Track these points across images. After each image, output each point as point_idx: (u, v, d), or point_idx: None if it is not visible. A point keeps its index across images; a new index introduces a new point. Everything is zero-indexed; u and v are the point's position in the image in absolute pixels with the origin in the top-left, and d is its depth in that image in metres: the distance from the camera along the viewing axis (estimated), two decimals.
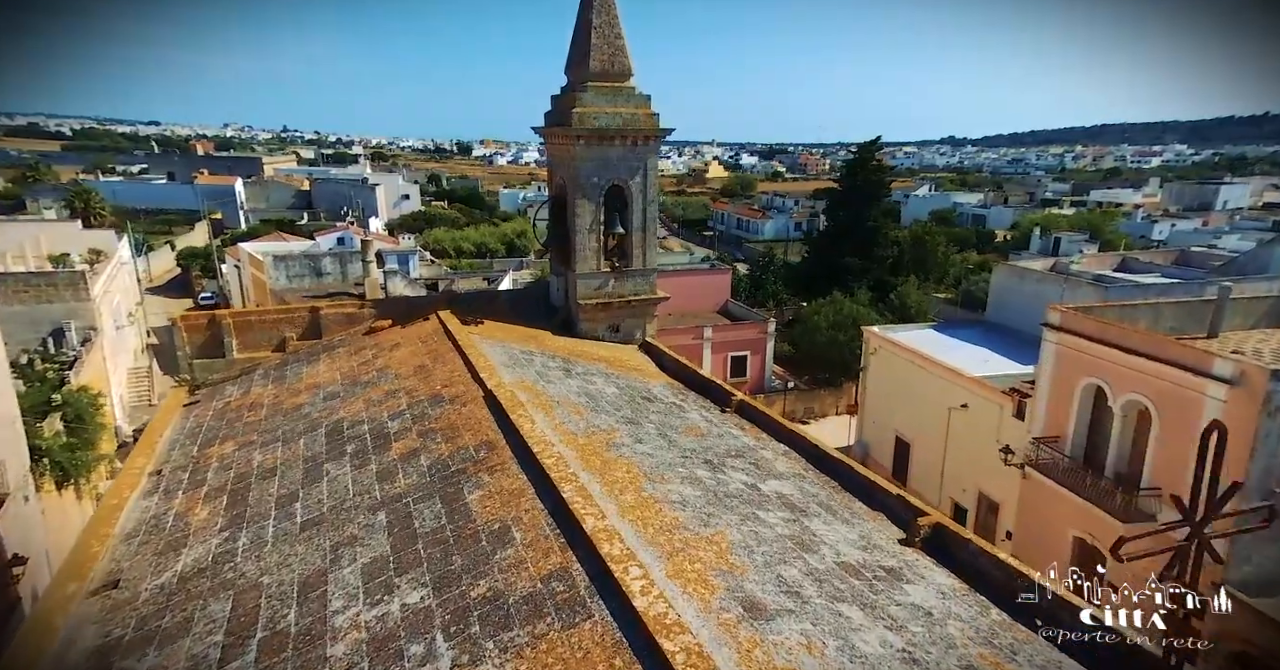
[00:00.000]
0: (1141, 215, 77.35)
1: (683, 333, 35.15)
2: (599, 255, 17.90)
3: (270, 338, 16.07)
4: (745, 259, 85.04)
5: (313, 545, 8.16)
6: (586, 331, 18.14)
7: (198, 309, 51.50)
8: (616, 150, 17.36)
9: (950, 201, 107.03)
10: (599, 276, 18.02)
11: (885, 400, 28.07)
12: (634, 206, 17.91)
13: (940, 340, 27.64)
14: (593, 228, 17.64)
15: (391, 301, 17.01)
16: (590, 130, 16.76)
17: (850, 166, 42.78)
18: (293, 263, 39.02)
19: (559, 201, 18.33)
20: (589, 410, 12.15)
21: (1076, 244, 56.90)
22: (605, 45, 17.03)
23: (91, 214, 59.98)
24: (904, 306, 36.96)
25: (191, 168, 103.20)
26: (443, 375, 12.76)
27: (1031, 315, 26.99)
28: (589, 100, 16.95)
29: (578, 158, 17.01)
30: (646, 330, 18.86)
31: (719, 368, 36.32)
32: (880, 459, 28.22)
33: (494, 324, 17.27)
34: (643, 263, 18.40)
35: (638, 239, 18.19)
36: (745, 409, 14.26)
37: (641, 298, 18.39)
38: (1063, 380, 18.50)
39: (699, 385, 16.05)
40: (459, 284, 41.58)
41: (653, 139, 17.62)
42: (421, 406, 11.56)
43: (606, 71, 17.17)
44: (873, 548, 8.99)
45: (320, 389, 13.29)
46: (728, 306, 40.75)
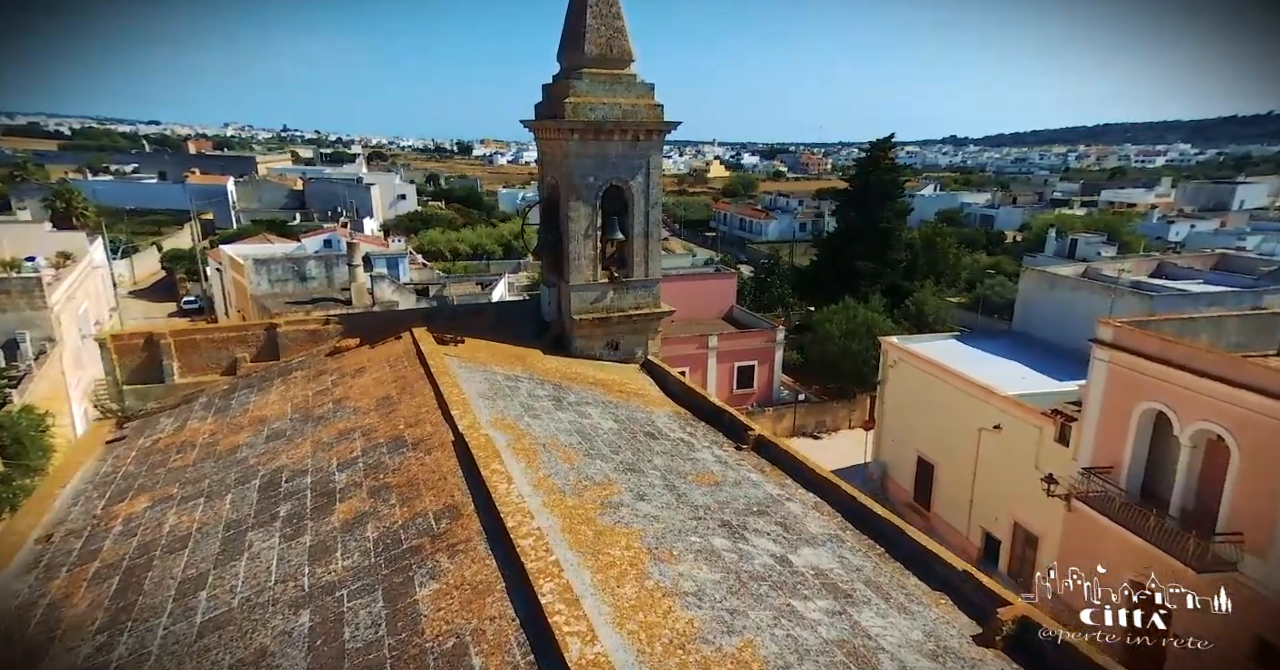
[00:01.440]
0: (1158, 216, 75.32)
1: (686, 342, 33.17)
2: (595, 264, 15.90)
3: (219, 359, 14.08)
4: (749, 260, 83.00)
5: (207, 663, 6.15)
6: (582, 350, 16.14)
7: (181, 314, 49.60)
8: (615, 146, 15.36)
9: (958, 201, 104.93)
10: (595, 288, 16.01)
11: (906, 417, 26.07)
12: (635, 209, 15.91)
13: (965, 352, 25.64)
14: (588, 234, 15.64)
15: (361, 316, 15.02)
16: (585, 123, 14.76)
17: (861, 166, 40.74)
18: (275, 267, 37.02)
19: (551, 204, 16.32)
20: (581, 454, 10.16)
21: (1094, 246, 54.82)
22: (602, 26, 15.04)
23: (74, 215, 57.97)
24: (921, 314, 34.97)
25: (183, 167, 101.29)
26: (409, 410, 10.77)
27: (1065, 325, 25.04)
28: (584, 89, 14.95)
29: (571, 154, 15.01)
30: (649, 348, 16.86)
31: (725, 378, 34.36)
32: (900, 480, 26.23)
33: (477, 342, 15.28)
34: (645, 272, 16.40)
35: (639, 246, 16.18)
36: (764, 446, 12.25)
37: (643, 312, 16.38)
38: (1116, 404, 16.53)
39: (709, 414, 14.05)
40: (450, 289, 39.64)
41: (656, 133, 15.61)
42: (378, 453, 9.57)
43: (604, 57, 15.17)
44: (945, 653, 6.98)
45: (266, 424, 11.30)
46: (733, 313, 38.77)
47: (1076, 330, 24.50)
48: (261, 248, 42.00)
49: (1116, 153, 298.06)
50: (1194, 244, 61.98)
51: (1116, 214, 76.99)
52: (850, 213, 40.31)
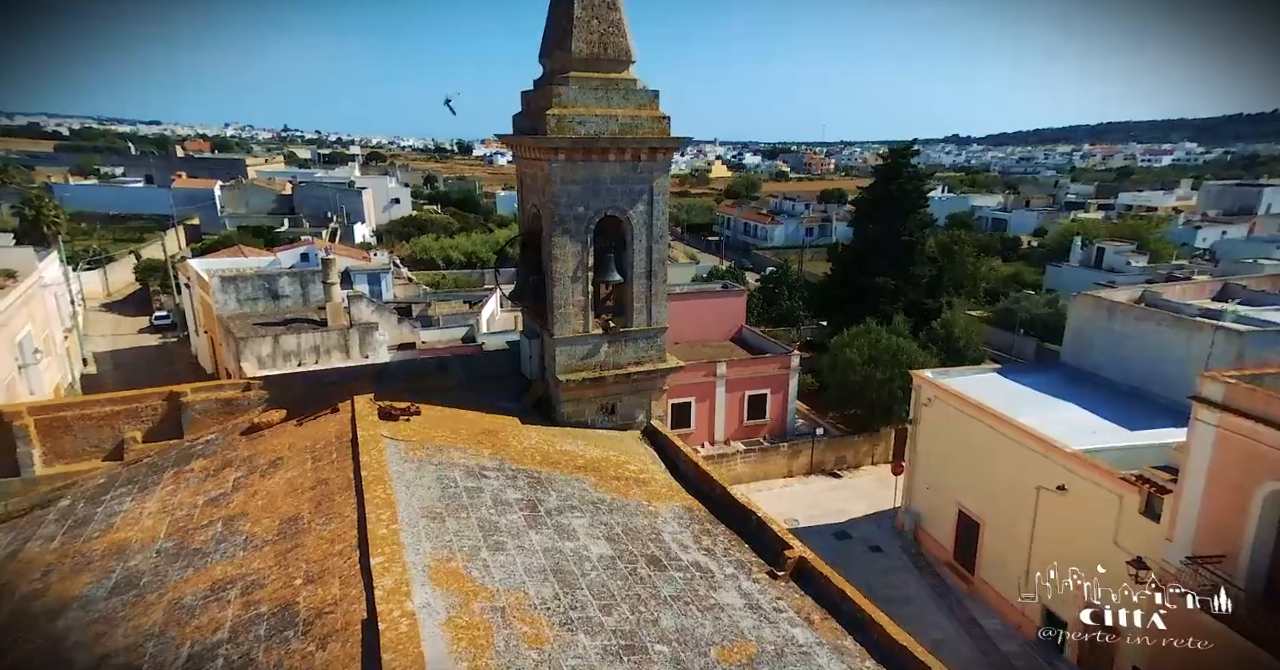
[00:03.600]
0: (1182, 220, 71.98)
1: (692, 370, 30.05)
2: (586, 313, 12.85)
3: (101, 440, 11.03)
4: (754, 267, 79.87)
5: None
6: (570, 416, 13.09)
7: (152, 330, 46.49)
8: (611, 168, 12.30)
9: (968, 205, 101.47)
10: (587, 342, 12.95)
11: (942, 463, 22.98)
12: (635, 245, 12.87)
13: (1011, 391, 22.52)
14: (577, 276, 12.58)
15: (292, 380, 11.94)
16: (573, 140, 11.71)
17: (881, 173, 37.59)
18: (244, 284, 33.88)
19: (532, 237, 13.27)
20: (558, 624, 7.10)
21: (1123, 255, 51.62)
22: (594, 19, 11.98)
23: (44, 223, 54.90)
24: (950, 337, 31.88)
25: (171, 170, 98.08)
26: (317, 547, 7.71)
27: (1128, 361, 21.97)
28: (571, 97, 11.89)
29: (556, 179, 11.95)
30: (651, 410, 13.81)
31: (735, 409, 31.24)
32: (937, 535, 23.12)
33: (437, 412, 12.22)
34: (647, 320, 13.35)
35: (640, 289, 13.13)
36: (808, 576, 9.15)
37: (645, 369, 13.33)
38: (1229, 479, 13.49)
39: (730, 510, 10.98)
40: (435, 308, 36.61)
41: (661, 152, 12.57)
42: (251, 638, 6.52)
43: (596, 57, 12.11)
44: None
45: (122, 560, 8.25)
46: (742, 334, 35.67)
47: (1142, 368, 21.52)
48: (233, 262, 38.91)
49: (1122, 152, 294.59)
50: (1224, 252, 58.65)
51: (1138, 218, 73.67)
52: (868, 224, 37.14)
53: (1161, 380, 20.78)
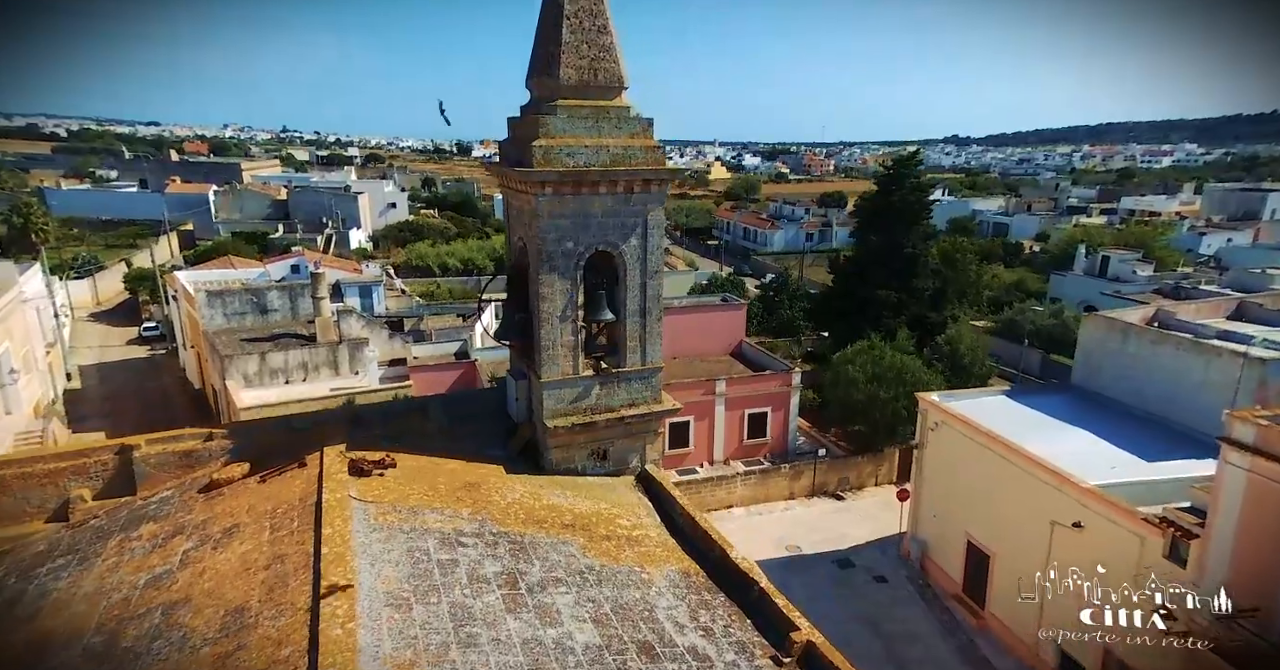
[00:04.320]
0: (1187, 226, 71.13)
1: (690, 388, 29.20)
2: (576, 353, 11.99)
3: (44, 499, 10.17)
4: (754, 273, 79.04)
5: None
6: (559, 463, 12.24)
7: (140, 341, 45.61)
8: (602, 201, 11.46)
9: (969, 209, 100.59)
10: (577, 384, 12.10)
11: (950, 490, 22.14)
12: (628, 281, 12.02)
13: (1021, 415, 21.69)
14: (566, 315, 11.72)
15: (258, 426, 11.04)
16: (560, 174, 10.86)
17: (884, 183, 36.71)
18: (231, 299, 32.99)
19: (519, 272, 12.41)
20: None
21: (1129, 264, 50.77)
22: (584, 44, 11.12)
23: (32, 232, 54.01)
24: (956, 353, 31.02)
25: (165, 175, 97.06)
26: (263, 649, 6.86)
27: (1143, 385, 21.18)
28: (558, 128, 11.04)
29: (543, 213, 11.10)
30: (646, 454, 12.95)
31: (734, 428, 30.38)
32: (944, 565, 22.27)
33: (415, 462, 11.37)
34: (642, 359, 12.50)
35: (634, 327, 12.29)
36: (816, 661, 8.29)
37: (639, 413, 12.48)
38: (1263, 526, 12.67)
39: (729, 576, 10.11)
40: (428, 323, 35.72)
41: (656, 184, 11.71)
42: None
43: (586, 84, 11.26)
44: None
45: (42, 657, 7.34)
46: (742, 348, 34.80)
47: (1158, 393, 20.72)
48: (221, 274, 38.02)
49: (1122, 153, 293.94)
50: (1231, 260, 57.90)
51: (1141, 223, 72.85)
52: (870, 235, 36.27)
53: (1179, 407, 19.98)
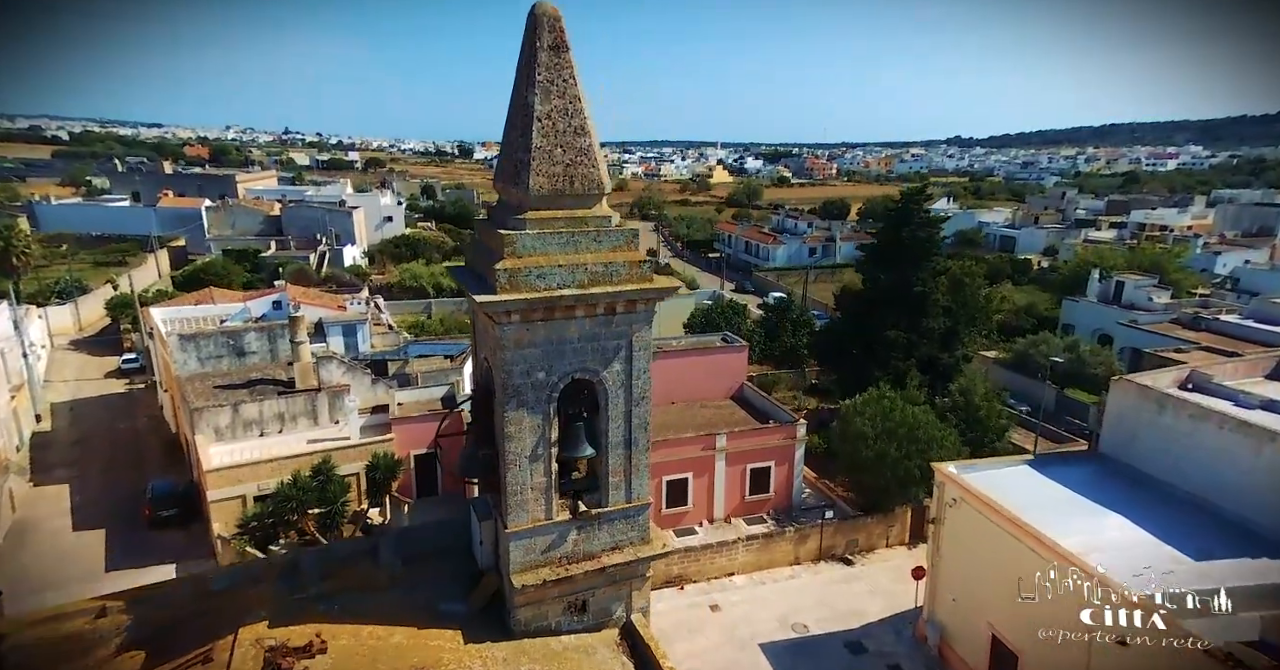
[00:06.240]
0: (1200, 244, 69.24)
1: (689, 443, 27.55)
2: (548, 494, 10.37)
3: None
4: (756, 290, 77.36)
5: None
6: (529, 622, 10.61)
7: (119, 375, 43.96)
8: (579, 324, 9.85)
9: (975, 221, 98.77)
10: (550, 530, 10.48)
11: (971, 574, 20.49)
12: (611, 411, 10.41)
13: (1046, 491, 20.04)
14: (537, 454, 10.11)
15: (166, 591, 9.39)
16: (529, 303, 9.23)
17: (891, 218, 35.05)
18: (206, 342, 31.39)
19: (485, 396, 10.76)
20: None
21: (1144, 290, 49.04)
22: (558, 148, 9.49)
23: (14, 255, 52.35)
24: (970, 405, 29.33)
25: (158, 187, 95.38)
26: None
27: (1181, 461, 19.63)
28: (527, 245, 9.43)
29: (508, 344, 9.49)
30: (633, 602, 11.32)
31: (735, 484, 28.71)
32: (965, 656, 20.59)
33: (351, 638, 9.72)
34: (626, 496, 10.88)
35: (617, 461, 10.67)
36: None
37: (624, 560, 10.83)
38: None
39: None
40: (414, 366, 34.10)
41: (642, 303, 10.06)
42: None
43: (560, 193, 9.64)
44: None
45: None
46: (743, 391, 33.14)
47: (1200, 471, 19.18)
48: (201, 311, 36.37)
49: (1126, 155, 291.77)
50: (1248, 283, 56.23)
51: (1155, 243, 70.94)
52: (879, 274, 34.60)
53: (1226, 491, 18.39)
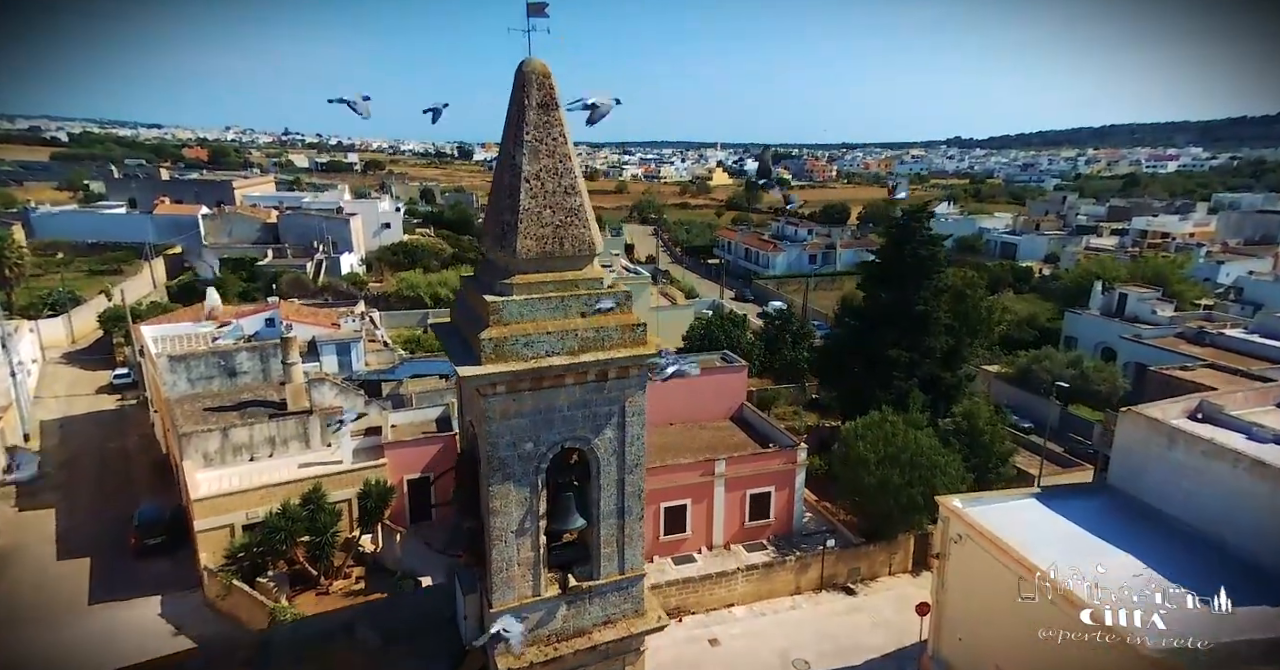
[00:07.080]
0: (1203, 253, 68.62)
1: (687, 470, 27.00)
2: (537, 569, 9.83)
3: None
4: (756, 298, 76.84)
5: None
6: None
7: (111, 390, 43.37)
8: (569, 392, 9.31)
9: (976, 228, 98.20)
10: (538, 607, 9.92)
11: (977, 613, 19.95)
12: (602, 480, 9.86)
13: (1053, 527, 19.49)
14: (525, 528, 9.56)
15: None
16: (515, 374, 8.68)
17: (893, 237, 34.50)
18: (196, 363, 30.87)
19: (470, 465, 10.21)
20: None
21: (1147, 303, 48.48)
22: (546, 209, 8.95)
23: (6, 265, 51.74)
24: (975, 430, 28.81)
25: (154, 193, 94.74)
26: None
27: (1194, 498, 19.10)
28: (514, 312, 8.89)
29: (494, 416, 8.95)
30: None
31: (735, 510, 28.16)
32: None
33: None
34: (619, 567, 10.34)
35: (610, 531, 10.13)
36: None
37: (616, 637, 10.28)
38: None
39: None
40: (408, 386, 33.57)
41: (635, 369, 9.50)
42: None
43: (549, 255, 9.10)
44: None
45: None
46: (742, 412, 32.57)
47: (1215, 511, 18.57)
48: (191, 328, 35.80)
49: (1127, 157, 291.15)
50: (1252, 294, 55.66)
51: (1157, 251, 70.33)
52: (880, 293, 34.03)
53: (1243, 532, 17.75)
